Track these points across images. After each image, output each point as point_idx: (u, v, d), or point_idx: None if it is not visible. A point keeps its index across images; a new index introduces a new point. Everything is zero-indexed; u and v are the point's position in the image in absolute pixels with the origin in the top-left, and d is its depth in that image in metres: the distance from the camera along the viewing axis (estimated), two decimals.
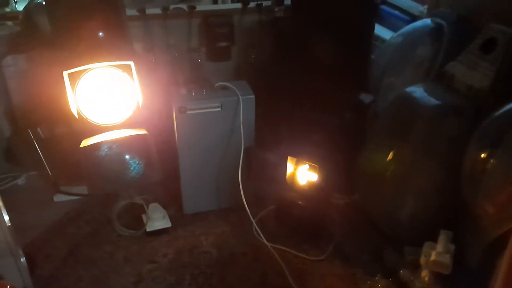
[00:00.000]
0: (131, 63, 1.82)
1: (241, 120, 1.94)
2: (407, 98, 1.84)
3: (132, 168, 2.04)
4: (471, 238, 1.64)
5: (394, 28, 2.40)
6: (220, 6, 2.45)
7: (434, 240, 1.63)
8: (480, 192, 1.53)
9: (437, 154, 1.75)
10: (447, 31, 1.97)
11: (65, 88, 1.81)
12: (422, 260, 1.61)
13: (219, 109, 1.93)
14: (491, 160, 1.47)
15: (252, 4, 2.43)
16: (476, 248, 1.61)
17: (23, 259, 1.68)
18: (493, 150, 1.49)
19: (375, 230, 1.97)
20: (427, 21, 2.10)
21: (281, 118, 2.25)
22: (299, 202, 1.94)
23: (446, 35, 1.97)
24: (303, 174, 1.96)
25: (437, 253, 1.57)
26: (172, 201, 2.16)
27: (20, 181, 2.36)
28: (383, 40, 2.36)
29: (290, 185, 1.98)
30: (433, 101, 1.77)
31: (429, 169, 1.76)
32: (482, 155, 1.53)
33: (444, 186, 1.76)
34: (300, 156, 1.94)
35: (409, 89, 1.86)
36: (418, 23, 2.12)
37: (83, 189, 2.22)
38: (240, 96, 1.92)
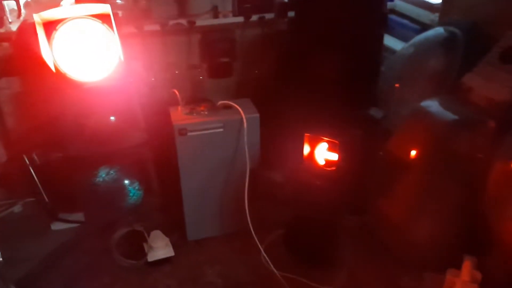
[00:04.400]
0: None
1: (245, 140, 1.83)
2: (422, 113, 1.73)
3: (131, 194, 1.94)
4: (497, 265, 1.51)
5: (403, 38, 2.29)
6: (220, 21, 2.35)
7: (455, 265, 1.51)
8: (506, 215, 1.41)
9: (455, 173, 1.64)
10: (461, 40, 1.86)
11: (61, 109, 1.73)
12: None
13: (222, 129, 1.83)
14: None
15: (254, 18, 2.33)
16: (503, 276, 1.48)
17: None
18: None
19: (390, 255, 1.83)
20: (440, 29, 1.99)
21: (287, 136, 2.14)
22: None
23: (461, 45, 1.86)
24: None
25: (462, 282, 1.44)
26: (174, 227, 2.04)
27: (16, 208, 2.25)
28: (393, 51, 2.25)
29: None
30: (450, 116, 1.67)
31: (447, 189, 1.65)
32: (508, 174, 1.42)
33: (463, 207, 1.64)
34: None
35: (424, 103, 1.75)
36: (430, 32, 2.01)
37: (81, 216, 2.11)
38: (244, 116, 1.82)
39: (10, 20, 2.39)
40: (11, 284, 1.62)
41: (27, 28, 2.15)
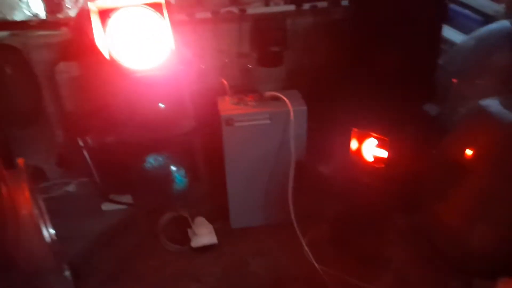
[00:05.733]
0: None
1: (292, 133, 1.82)
2: (481, 112, 1.63)
3: (177, 180, 1.98)
4: None
5: (464, 30, 2.16)
6: (271, 9, 2.30)
7: (508, 273, 1.43)
8: None
9: None
10: None
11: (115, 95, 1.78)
12: None
13: (269, 121, 1.82)
14: None
15: (306, 6, 2.27)
16: None
17: (67, 273, 1.66)
18: None
19: (440, 258, 1.77)
20: (505, 23, 1.86)
21: (335, 129, 2.10)
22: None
23: None
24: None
25: None
26: (219, 214, 2.07)
27: (71, 187, 2.37)
28: (452, 44, 2.13)
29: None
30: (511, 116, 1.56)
31: (507, 195, 1.55)
32: None
33: None
34: None
35: (484, 101, 1.64)
36: (494, 25, 1.88)
37: (130, 199, 2.19)
38: (291, 108, 1.79)
39: (68, 6, 2.47)
40: (63, 262, 1.70)
41: (85, 15, 2.22)
